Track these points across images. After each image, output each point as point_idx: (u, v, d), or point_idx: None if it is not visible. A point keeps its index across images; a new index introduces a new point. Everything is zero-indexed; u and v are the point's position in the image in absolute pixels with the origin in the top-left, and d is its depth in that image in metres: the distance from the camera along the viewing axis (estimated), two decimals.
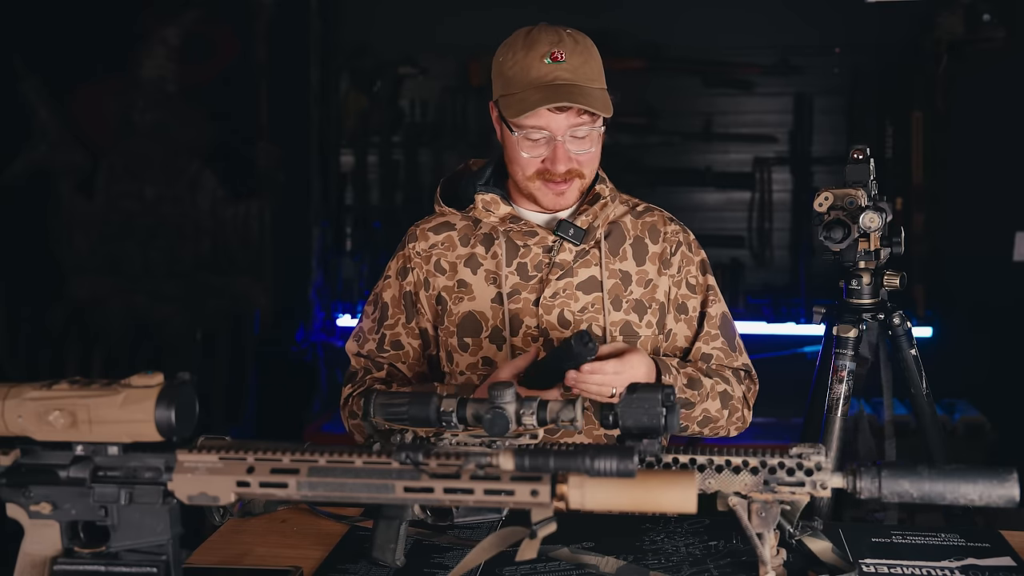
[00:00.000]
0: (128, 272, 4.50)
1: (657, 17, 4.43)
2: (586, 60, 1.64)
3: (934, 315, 4.36)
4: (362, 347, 1.80)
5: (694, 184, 4.77)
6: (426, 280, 1.77)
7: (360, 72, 4.86)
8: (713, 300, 1.80)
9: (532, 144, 1.65)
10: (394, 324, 1.78)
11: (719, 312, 1.80)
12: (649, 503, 0.98)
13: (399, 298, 1.79)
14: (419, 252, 1.78)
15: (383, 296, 1.81)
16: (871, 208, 2.01)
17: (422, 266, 1.78)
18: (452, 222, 1.79)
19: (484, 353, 1.73)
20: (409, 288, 1.78)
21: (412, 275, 1.78)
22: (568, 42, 1.63)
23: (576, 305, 1.72)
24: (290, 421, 4.44)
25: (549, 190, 1.67)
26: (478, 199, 1.73)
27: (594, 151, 1.68)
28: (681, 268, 1.79)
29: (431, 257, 1.77)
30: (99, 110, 4.47)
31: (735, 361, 1.80)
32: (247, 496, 1.05)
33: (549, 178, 1.66)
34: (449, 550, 1.42)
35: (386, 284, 1.81)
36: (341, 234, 4.94)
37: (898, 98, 4.53)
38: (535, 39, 1.64)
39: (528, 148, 1.65)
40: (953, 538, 1.46)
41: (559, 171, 1.65)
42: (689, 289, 1.79)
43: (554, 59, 1.61)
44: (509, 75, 1.65)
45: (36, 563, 1.10)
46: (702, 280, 1.81)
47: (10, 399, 1.05)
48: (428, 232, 1.80)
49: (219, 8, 4.51)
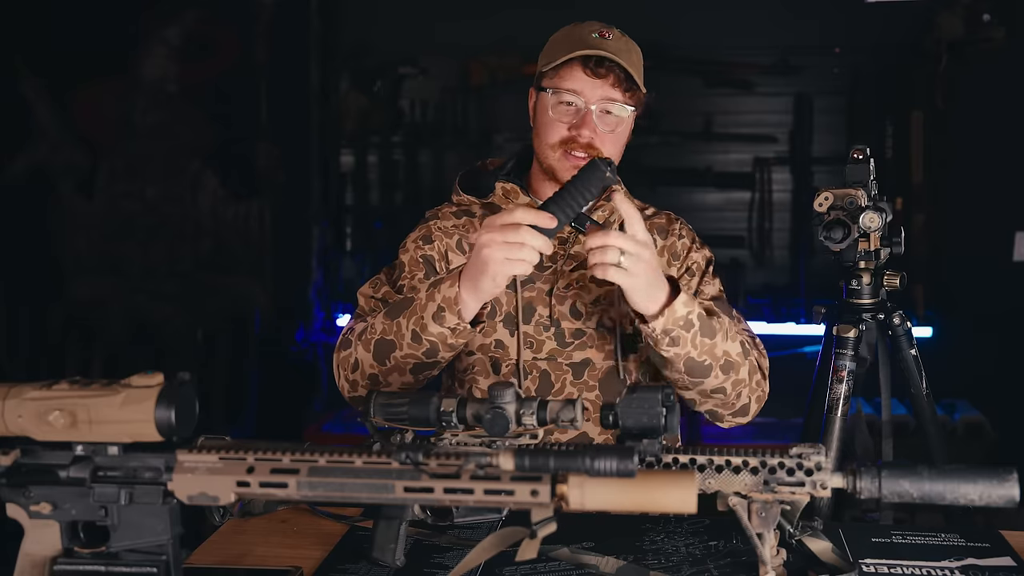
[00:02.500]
0: (128, 272, 4.50)
1: (657, 17, 4.43)
2: (630, 50, 1.69)
3: (934, 315, 4.36)
4: (377, 291, 1.77)
5: (694, 184, 4.77)
6: (446, 253, 1.78)
7: (360, 72, 4.87)
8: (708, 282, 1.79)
9: (563, 109, 1.67)
10: (412, 277, 1.76)
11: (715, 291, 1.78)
12: (649, 503, 0.98)
13: (417, 259, 1.77)
14: (441, 228, 1.80)
15: (402, 258, 1.78)
16: (871, 208, 2.01)
17: (443, 239, 1.78)
18: (472, 210, 1.81)
19: (497, 336, 1.73)
20: (431, 253, 1.77)
21: (434, 244, 1.78)
22: (616, 31, 1.69)
23: (589, 297, 1.73)
24: (290, 421, 4.44)
25: (568, 162, 1.68)
26: (499, 187, 1.77)
27: (619, 133, 1.69)
28: (682, 257, 1.81)
29: (453, 235, 1.79)
30: (99, 110, 4.47)
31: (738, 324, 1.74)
32: (247, 496, 1.05)
33: (571, 148, 1.67)
34: (449, 550, 1.42)
35: (404, 250, 1.80)
36: (341, 234, 4.94)
37: (898, 98, 4.53)
38: (586, 23, 1.70)
39: (558, 112, 1.67)
40: (953, 538, 1.45)
41: (583, 138, 1.65)
42: (689, 274, 1.80)
43: (601, 35, 1.66)
44: (555, 46, 1.69)
45: (36, 563, 1.10)
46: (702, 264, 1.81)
47: (10, 399, 1.05)
48: (449, 214, 1.82)
49: (219, 8, 4.51)
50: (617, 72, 1.64)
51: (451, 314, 1.49)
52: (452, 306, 1.48)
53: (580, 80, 1.65)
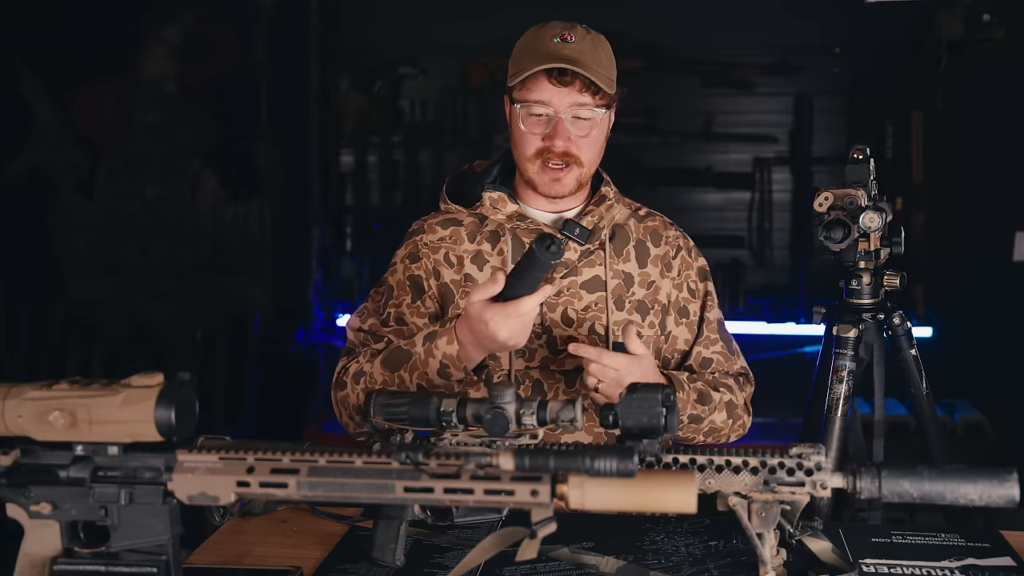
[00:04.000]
0: (128, 272, 4.50)
1: (657, 17, 4.43)
2: (596, 48, 1.67)
3: (934, 315, 4.35)
4: (364, 322, 1.78)
5: (694, 184, 4.77)
6: (435, 269, 1.77)
7: (360, 72, 4.86)
8: (711, 306, 1.83)
9: (534, 121, 1.66)
10: (399, 303, 1.76)
11: (716, 317, 1.82)
12: (649, 503, 0.98)
13: (404, 281, 1.78)
14: (427, 243, 1.78)
15: (389, 280, 1.80)
16: (871, 208, 2.01)
17: (430, 256, 1.77)
18: (459, 219, 1.79)
19: None
20: (418, 272, 1.77)
21: (421, 262, 1.78)
22: (580, 30, 1.67)
23: (580, 304, 1.73)
24: (290, 421, 4.43)
25: (546, 174, 1.68)
26: (486, 196, 1.74)
27: (594, 136, 1.69)
28: (681, 272, 1.81)
29: (440, 249, 1.78)
30: (99, 110, 4.47)
31: (734, 365, 1.82)
32: (247, 496, 1.05)
33: (547, 158, 1.67)
34: (449, 550, 1.42)
35: (392, 270, 1.81)
36: (341, 234, 4.94)
37: (898, 98, 4.53)
38: (549, 25, 1.68)
39: (529, 124, 1.66)
40: (953, 538, 1.46)
41: (557, 148, 1.65)
42: (690, 293, 1.82)
43: (563, 39, 1.64)
44: (519, 54, 1.68)
45: (36, 563, 1.10)
46: (701, 286, 1.83)
47: (10, 399, 1.05)
48: (436, 226, 1.80)
49: (219, 8, 4.50)
50: (583, 77, 1.63)
51: (457, 370, 1.55)
52: (456, 363, 1.54)
53: (547, 90, 1.64)
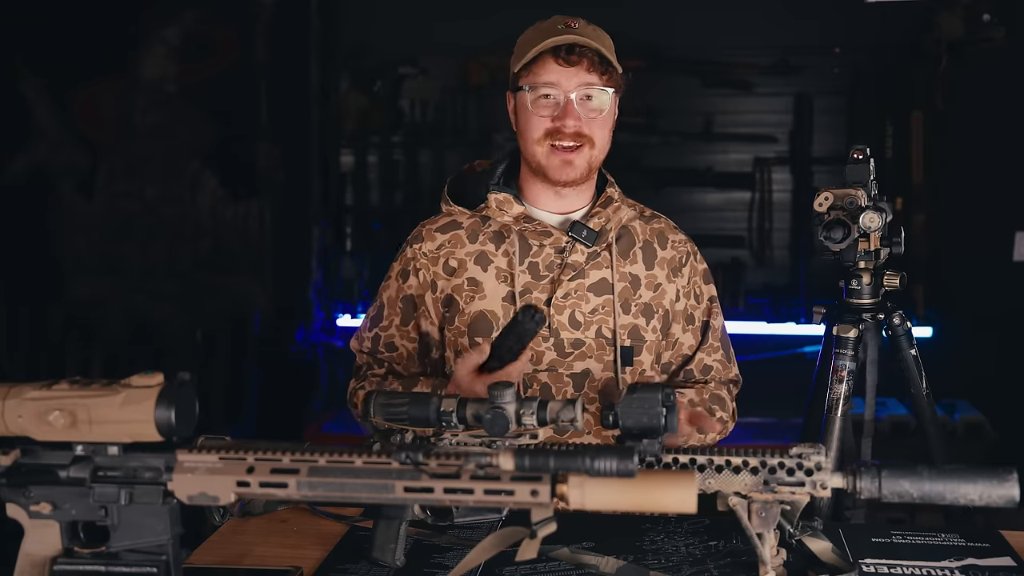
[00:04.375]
0: (128, 272, 4.50)
1: (657, 17, 4.43)
2: (599, 36, 1.69)
3: (934, 315, 4.36)
4: (361, 345, 1.82)
5: (694, 184, 4.77)
6: (433, 283, 1.76)
7: (360, 72, 4.87)
8: (716, 312, 1.84)
9: (543, 103, 1.66)
10: (388, 326, 1.79)
11: (720, 324, 1.84)
12: (649, 503, 0.98)
13: (396, 299, 1.79)
14: (425, 253, 1.77)
15: (382, 295, 1.82)
16: (871, 208, 2.01)
17: (428, 267, 1.76)
18: (460, 221, 1.78)
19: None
20: (410, 292, 1.78)
21: (415, 278, 1.77)
22: (583, 21, 1.69)
23: (587, 307, 1.72)
24: (290, 421, 4.44)
25: (557, 156, 1.67)
26: (491, 198, 1.74)
27: (605, 117, 1.69)
28: (690, 279, 1.82)
29: (439, 258, 1.76)
30: (99, 110, 4.47)
31: (729, 372, 1.84)
32: (247, 496, 1.05)
33: (558, 140, 1.66)
34: (449, 550, 1.42)
35: (386, 284, 1.82)
36: (341, 234, 4.94)
37: (898, 98, 4.53)
38: (551, 18, 1.70)
39: (538, 107, 1.66)
40: (953, 538, 1.46)
41: (568, 128, 1.65)
42: (696, 300, 1.83)
43: (568, 25, 1.66)
44: (524, 45, 1.69)
45: (36, 563, 1.10)
46: (705, 289, 1.84)
47: (10, 399, 1.05)
48: (435, 232, 1.79)
49: (219, 8, 4.50)
50: (590, 56, 1.64)
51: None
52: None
53: (555, 71, 1.64)
